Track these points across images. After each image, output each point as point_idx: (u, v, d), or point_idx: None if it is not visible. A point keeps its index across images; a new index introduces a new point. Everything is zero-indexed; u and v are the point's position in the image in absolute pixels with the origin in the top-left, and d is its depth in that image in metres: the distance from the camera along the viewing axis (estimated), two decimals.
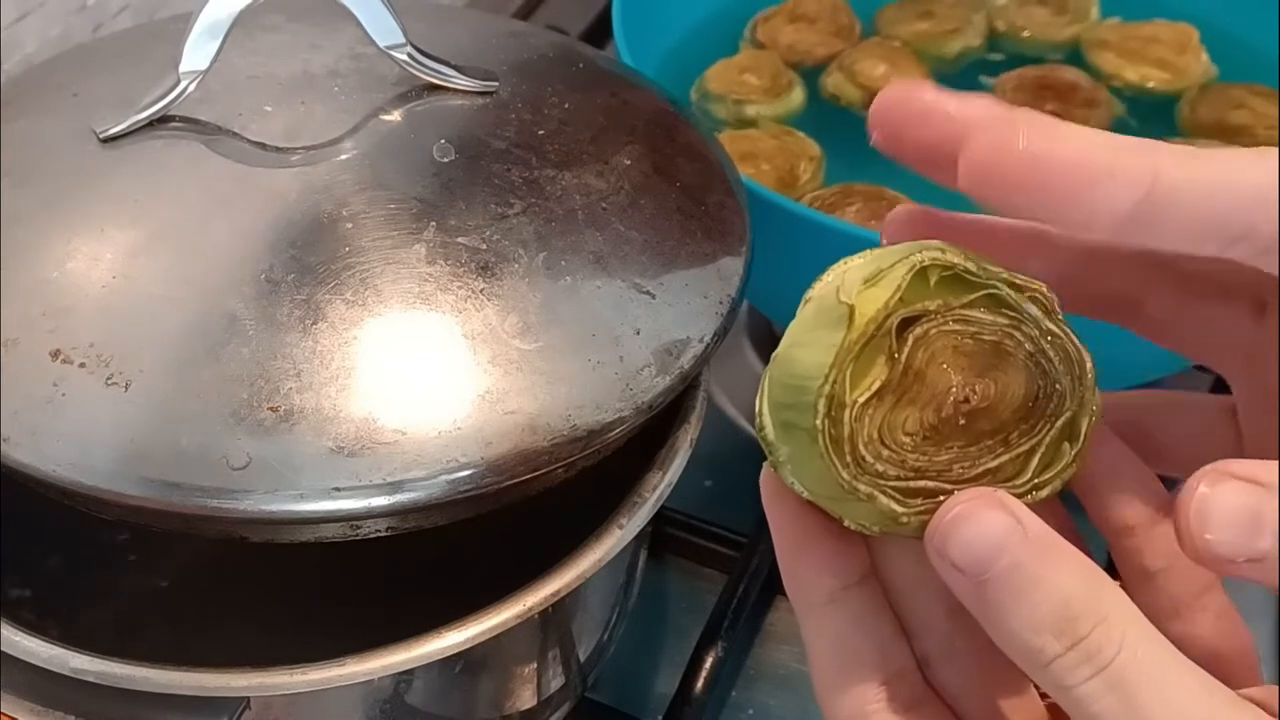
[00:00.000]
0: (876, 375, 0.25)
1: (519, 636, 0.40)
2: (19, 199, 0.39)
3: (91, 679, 0.36)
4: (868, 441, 0.25)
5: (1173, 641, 0.24)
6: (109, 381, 0.35)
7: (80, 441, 0.34)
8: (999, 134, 0.24)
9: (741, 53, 0.68)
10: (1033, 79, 0.65)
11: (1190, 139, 0.63)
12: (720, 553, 0.55)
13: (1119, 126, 0.65)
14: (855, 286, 0.25)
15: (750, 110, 0.64)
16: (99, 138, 0.40)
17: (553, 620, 0.44)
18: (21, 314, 0.36)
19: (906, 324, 0.25)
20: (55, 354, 0.35)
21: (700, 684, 0.49)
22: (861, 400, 0.24)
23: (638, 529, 0.41)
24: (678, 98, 0.49)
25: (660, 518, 0.50)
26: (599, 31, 0.78)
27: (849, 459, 0.25)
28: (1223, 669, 0.25)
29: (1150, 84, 0.67)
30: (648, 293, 0.39)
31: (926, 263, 0.25)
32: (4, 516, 0.43)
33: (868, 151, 0.28)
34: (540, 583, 0.39)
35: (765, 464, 0.27)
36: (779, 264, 0.44)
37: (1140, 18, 0.70)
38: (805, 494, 0.26)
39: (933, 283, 0.25)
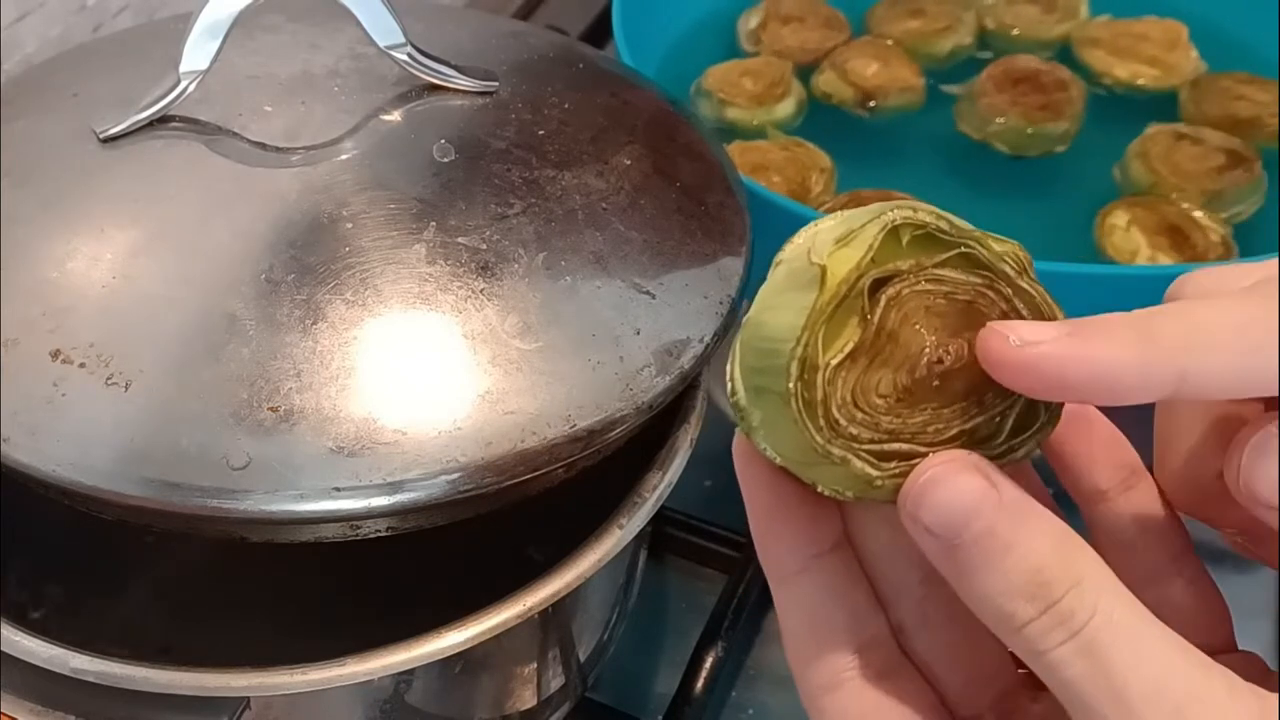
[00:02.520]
0: (849, 337, 0.24)
1: (519, 636, 0.40)
2: (19, 199, 0.39)
3: (91, 679, 0.36)
4: (841, 404, 0.24)
5: (1148, 607, 0.23)
6: (109, 381, 0.34)
7: (80, 441, 0.34)
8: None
9: (760, 57, 0.68)
10: (1001, 74, 0.65)
11: (1197, 128, 0.63)
12: (720, 553, 0.55)
13: (1094, 103, 0.66)
14: (827, 247, 0.24)
15: (730, 114, 0.64)
16: (99, 138, 0.40)
17: (553, 620, 0.44)
18: (21, 314, 0.36)
19: (879, 284, 0.24)
20: (55, 354, 0.35)
21: (700, 684, 0.49)
22: (834, 362, 0.24)
23: (638, 529, 0.41)
24: (678, 98, 0.49)
25: (660, 518, 0.50)
26: (599, 31, 0.78)
27: (822, 422, 0.24)
28: (1198, 634, 0.25)
29: (1140, 81, 0.67)
30: (648, 293, 0.39)
31: (898, 221, 0.24)
32: (4, 516, 0.43)
33: (868, 154, 0.28)
34: (540, 583, 0.39)
35: (737, 430, 0.26)
36: None
37: (1130, 15, 0.70)
38: (778, 460, 0.26)
39: (905, 242, 0.24)
